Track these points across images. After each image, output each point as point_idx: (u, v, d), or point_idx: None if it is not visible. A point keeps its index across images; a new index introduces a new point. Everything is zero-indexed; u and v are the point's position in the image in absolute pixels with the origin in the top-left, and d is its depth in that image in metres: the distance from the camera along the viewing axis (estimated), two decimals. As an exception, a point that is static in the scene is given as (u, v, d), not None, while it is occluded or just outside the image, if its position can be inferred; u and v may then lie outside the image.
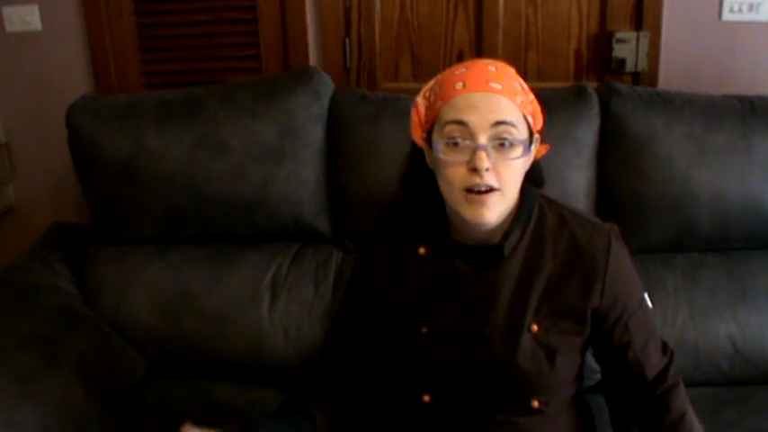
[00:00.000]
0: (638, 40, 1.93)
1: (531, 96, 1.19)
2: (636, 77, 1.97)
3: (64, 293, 1.79)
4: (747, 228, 1.69)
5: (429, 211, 1.22)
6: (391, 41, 2.05)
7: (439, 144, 1.12)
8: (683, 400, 1.24)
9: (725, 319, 1.64)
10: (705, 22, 1.92)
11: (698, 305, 1.67)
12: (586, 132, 1.69)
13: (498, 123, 1.09)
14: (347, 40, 2.04)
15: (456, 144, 1.10)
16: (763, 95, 1.72)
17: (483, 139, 1.08)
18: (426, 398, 1.22)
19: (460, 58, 2.03)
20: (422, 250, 1.23)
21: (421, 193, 1.23)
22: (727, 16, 1.91)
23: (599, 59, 2.00)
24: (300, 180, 1.75)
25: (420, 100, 1.20)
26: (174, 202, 1.78)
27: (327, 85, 1.81)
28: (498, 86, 1.11)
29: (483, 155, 1.08)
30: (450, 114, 1.11)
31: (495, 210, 1.11)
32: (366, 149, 1.71)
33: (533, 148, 1.16)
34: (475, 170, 1.08)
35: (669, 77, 1.95)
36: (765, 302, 1.65)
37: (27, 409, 1.42)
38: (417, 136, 1.20)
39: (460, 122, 1.10)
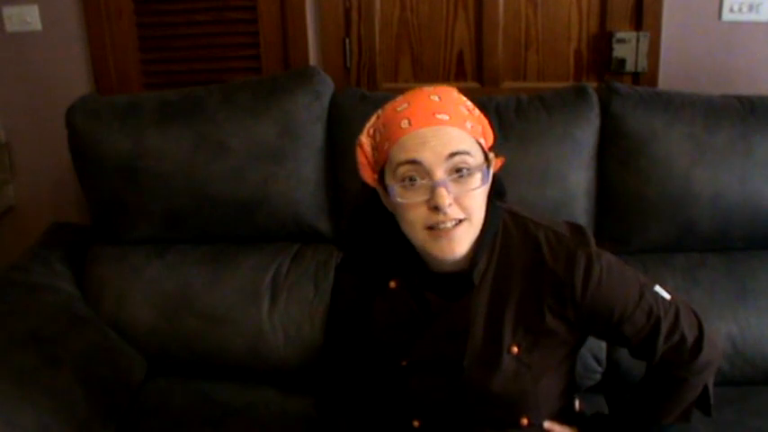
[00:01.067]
0: (638, 40, 1.93)
1: (477, 113, 1.13)
2: (636, 77, 1.97)
3: (64, 293, 1.79)
4: (747, 228, 1.68)
5: (393, 245, 1.18)
6: (391, 41, 2.05)
7: (395, 188, 1.07)
8: (705, 357, 1.17)
9: (725, 319, 1.64)
10: (705, 22, 1.92)
11: (698, 305, 1.62)
12: (586, 132, 1.69)
13: (453, 155, 1.04)
14: (347, 40, 2.04)
15: (413, 184, 1.06)
16: (763, 95, 1.72)
17: (440, 174, 1.04)
18: (416, 423, 1.22)
19: (460, 58, 2.03)
20: (392, 284, 1.20)
21: (378, 231, 1.19)
22: (726, 16, 1.91)
23: (599, 59, 2.00)
24: (300, 180, 1.75)
25: (365, 139, 1.14)
26: (174, 202, 1.77)
27: (327, 85, 1.81)
28: (446, 117, 1.06)
29: (443, 191, 1.03)
30: (400, 155, 1.06)
31: (464, 240, 1.08)
32: (366, 149, 1.71)
33: (491, 170, 1.10)
34: (437, 208, 1.04)
35: (669, 77, 1.96)
36: (765, 302, 1.65)
37: (27, 409, 1.42)
38: (368, 177, 1.14)
39: (413, 161, 1.05)
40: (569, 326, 1.15)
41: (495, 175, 1.13)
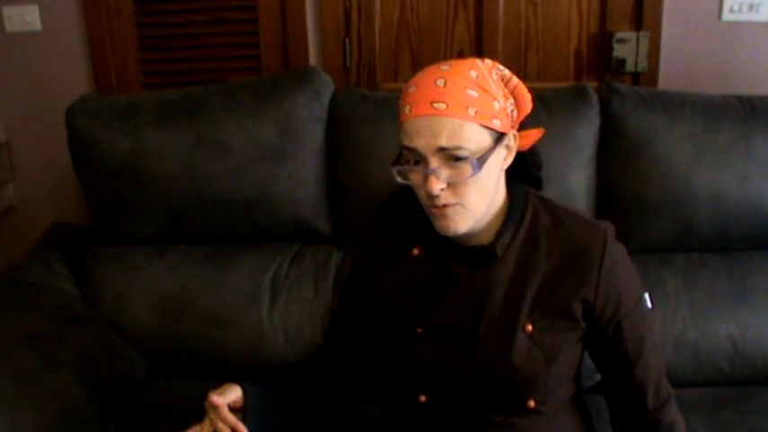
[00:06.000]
0: (638, 40, 1.93)
1: (517, 84, 1.17)
2: (636, 77, 1.97)
3: (64, 293, 1.79)
4: (747, 228, 1.68)
5: (423, 217, 1.21)
6: (391, 41, 2.05)
7: (394, 170, 1.13)
8: (674, 415, 1.24)
9: (725, 319, 1.64)
10: (705, 22, 1.92)
11: (698, 305, 1.67)
12: (586, 132, 1.69)
13: (442, 149, 1.07)
14: (347, 40, 2.04)
15: (414, 167, 1.12)
16: (764, 95, 1.72)
17: (434, 163, 1.08)
18: (423, 398, 1.22)
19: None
20: (415, 251, 1.24)
21: (410, 203, 1.22)
22: (727, 16, 1.91)
23: (599, 59, 2.00)
24: (300, 180, 1.75)
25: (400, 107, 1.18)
26: (174, 202, 1.78)
27: (327, 85, 1.81)
28: (443, 106, 1.07)
29: (433, 179, 1.08)
30: (403, 139, 1.11)
31: (461, 221, 1.12)
32: (366, 149, 1.71)
33: (491, 159, 1.10)
34: (428, 194, 1.09)
35: (669, 77, 1.96)
36: (765, 302, 1.65)
37: (27, 409, 1.42)
38: None
39: (411, 148, 1.10)
40: (585, 309, 1.18)
41: (530, 151, 1.21)
